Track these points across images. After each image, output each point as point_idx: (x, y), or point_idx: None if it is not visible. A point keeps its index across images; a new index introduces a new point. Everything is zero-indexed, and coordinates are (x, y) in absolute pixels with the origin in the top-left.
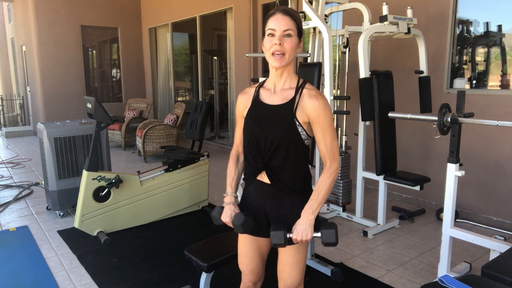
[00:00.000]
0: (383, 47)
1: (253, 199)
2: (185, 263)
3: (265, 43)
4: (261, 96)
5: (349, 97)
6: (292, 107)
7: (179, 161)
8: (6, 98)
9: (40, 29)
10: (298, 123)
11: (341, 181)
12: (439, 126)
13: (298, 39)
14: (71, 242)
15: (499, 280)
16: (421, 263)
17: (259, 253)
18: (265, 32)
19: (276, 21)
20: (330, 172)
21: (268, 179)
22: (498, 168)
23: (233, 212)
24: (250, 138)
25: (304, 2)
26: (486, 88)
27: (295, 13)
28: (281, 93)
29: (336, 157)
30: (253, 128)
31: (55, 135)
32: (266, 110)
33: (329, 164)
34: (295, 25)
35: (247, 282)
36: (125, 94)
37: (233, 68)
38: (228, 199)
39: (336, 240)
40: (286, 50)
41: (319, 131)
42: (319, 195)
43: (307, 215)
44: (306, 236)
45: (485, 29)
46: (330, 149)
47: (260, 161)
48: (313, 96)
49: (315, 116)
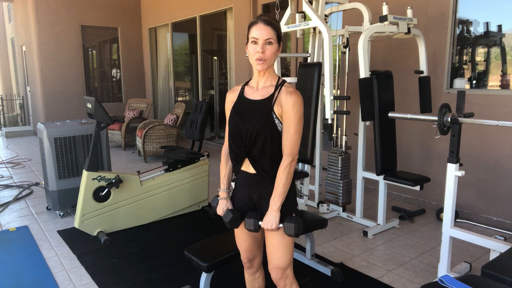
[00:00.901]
0: (383, 47)
1: (241, 189)
2: (185, 263)
3: (249, 49)
4: (245, 92)
5: (349, 97)
6: (270, 102)
7: (179, 161)
8: (6, 98)
9: (40, 29)
10: (275, 116)
11: (341, 181)
12: (439, 126)
13: (278, 44)
14: (71, 242)
15: (499, 280)
16: (421, 263)
17: (251, 234)
18: (249, 39)
19: (259, 30)
20: (284, 166)
21: (252, 165)
22: (498, 168)
23: (225, 206)
24: (233, 129)
25: (304, 2)
26: (486, 88)
27: (275, 22)
28: (262, 90)
29: (293, 151)
30: (237, 120)
31: (55, 135)
32: (249, 105)
33: (284, 157)
34: (275, 33)
35: (243, 259)
36: (125, 94)
37: (233, 68)
38: (221, 194)
39: (295, 233)
40: (267, 56)
41: (286, 124)
42: (277, 189)
43: (271, 208)
44: (271, 226)
45: (485, 29)
46: (289, 142)
47: (243, 149)
48: (289, 92)
49: (285, 110)
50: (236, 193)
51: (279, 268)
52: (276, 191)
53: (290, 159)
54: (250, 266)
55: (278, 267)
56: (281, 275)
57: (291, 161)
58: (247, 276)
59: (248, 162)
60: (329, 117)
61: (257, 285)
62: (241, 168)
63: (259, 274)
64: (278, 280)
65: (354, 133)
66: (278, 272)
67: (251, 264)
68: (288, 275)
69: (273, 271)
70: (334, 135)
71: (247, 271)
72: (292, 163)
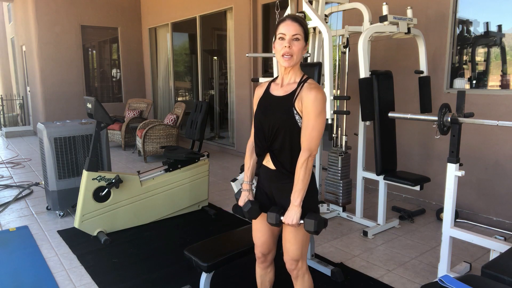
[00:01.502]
0: (383, 47)
1: (263, 183)
2: (185, 263)
3: (276, 46)
4: (271, 89)
5: (349, 97)
6: (292, 98)
7: (179, 161)
8: (6, 98)
9: (40, 29)
10: (295, 112)
11: (341, 181)
12: (439, 126)
13: (304, 42)
14: (71, 242)
15: (499, 280)
16: (421, 263)
17: (269, 229)
18: (276, 36)
19: (286, 26)
20: (301, 161)
21: (271, 161)
22: (498, 168)
23: (247, 198)
24: (257, 124)
25: (304, 2)
26: (486, 88)
27: (302, 20)
28: (286, 86)
29: (311, 147)
30: (260, 115)
31: (55, 135)
32: (272, 101)
33: (302, 152)
34: (302, 30)
35: (258, 253)
36: (125, 94)
37: (233, 68)
38: (244, 186)
39: (315, 230)
40: (294, 52)
41: (305, 119)
42: (296, 185)
43: (292, 204)
44: (292, 222)
45: (485, 29)
46: (307, 137)
47: (265, 144)
48: (311, 88)
49: (305, 105)
50: (259, 185)
51: (293, 260)
52: (295, 187)
53: (308, 154)
54: (263, 261)
55: (293, 259)
56: (295, 266)
57: (308, 156)
58: (259, 270)
59: (269, 158)
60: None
61: (267, 279)
62: (263, 162)
63: (271, 269)
64: (292, 270)
65: (354, 133)
66: (293, 263)
67: (265, 258)
68: (302, 266)
69: (288, 262)
70: (334, 135)
71: (259, 265)
72: (309, 158)
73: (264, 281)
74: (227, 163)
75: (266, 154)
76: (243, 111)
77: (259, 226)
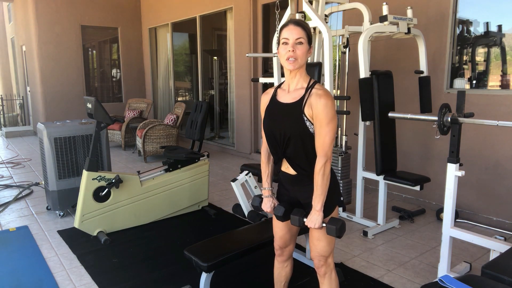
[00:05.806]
0: (383, 47)
1: (285, 188)
2: (185, 263)
3: (280, 51)
4: (277, 95)
5: (349, 97)
6: (301, 104)
7: (179, 161)
8: (6, 98)
9: (40, 29)
10: (306, 118)
11: (341, 181)
12: (439, 126)
13: (308, 45)
14: (71, 242)
15: (499, 280)
16: (421, 263)
17: (287, 225)
18: (280, 41)
19: (289, 31)
20: (318, 167)
21: (291, 167)
22: (498, 168)
23: (272, 203)
24: (268, 132)
25: (304, 2)
26: (486, 88)
27: (305, 24)
28: (294, 92)
29: (326, 153)
30: (269, 123)
31: (55, 135)
32: (280, 108)
33: (318, 158)
34: (305, 34)
35: (276, 246)
36: (125, 94)
37: (233, 68)
38: (266, 192)
39: (337, 235)
40: (298, 55)
41: (317, 126)
42: (316, 191)
43: (313, 209)
44: (314, 226)
45: (485, 29)
46: (321, 144)
47: (280, 151)
48: (320, 95)
49: (316, 113)
50: (280, 189)
51: (321, 256)
52: (315, 192)
53: (324, 160)
54: (281, 254)
55: (322, 255)
56: (323, 263)
57: (325, 162)
58: (277, 263)
59: (288, 164)
60: None
61: (284, 273)
62: (281, 168)
63: (288, 263)
64: (320, 267)
65: (354, 133)
66: (321, 260)
67: (282, 252)
68: (330, 263)
69: (316, 258)
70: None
71: (277, 258)
72: (326, 163)
73: (279, 275)
74: (227, 163)
75: (282, 160)
76: (243, 111)
77: (278, 222)
